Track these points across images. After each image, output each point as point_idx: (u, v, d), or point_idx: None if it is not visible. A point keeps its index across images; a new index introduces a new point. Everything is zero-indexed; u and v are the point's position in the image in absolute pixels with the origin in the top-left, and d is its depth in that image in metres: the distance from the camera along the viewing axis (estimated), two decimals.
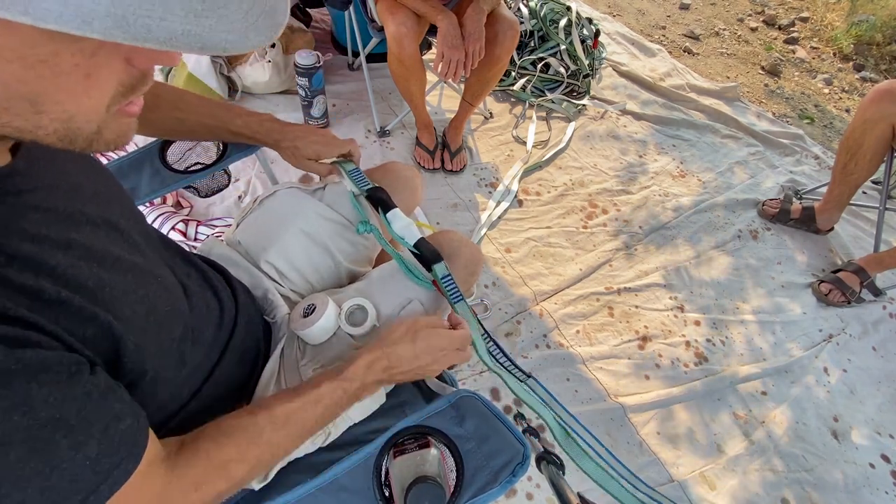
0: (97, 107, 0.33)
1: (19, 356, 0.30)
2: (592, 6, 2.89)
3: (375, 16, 1.59)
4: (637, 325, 1.55)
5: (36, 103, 0.30)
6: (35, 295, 0.34)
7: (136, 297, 0.44)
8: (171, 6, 0.26)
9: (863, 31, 2.97)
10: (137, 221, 0.54)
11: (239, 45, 0.29)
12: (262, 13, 0.30)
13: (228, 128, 0.83)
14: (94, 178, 0.49)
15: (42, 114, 0.31)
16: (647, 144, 2.14)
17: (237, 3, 0.28)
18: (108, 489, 0.37)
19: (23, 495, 0.31)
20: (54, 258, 0.37)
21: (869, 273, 1.67)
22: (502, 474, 0.61)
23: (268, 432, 0.53)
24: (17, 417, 0.30)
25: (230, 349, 0.64)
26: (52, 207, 0.40)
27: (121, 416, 0.38)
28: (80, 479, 0.35)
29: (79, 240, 0.40)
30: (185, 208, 1.55)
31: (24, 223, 0.36)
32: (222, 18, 0.28)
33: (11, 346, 0.31)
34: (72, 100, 0.32)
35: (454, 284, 0.76)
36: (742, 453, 1.33)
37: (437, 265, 0.76)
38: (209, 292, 0.64)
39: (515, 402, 1.31)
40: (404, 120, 1.95)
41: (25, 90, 0.30)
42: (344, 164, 0.89)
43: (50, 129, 0.32)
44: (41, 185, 0.40)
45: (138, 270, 0.46)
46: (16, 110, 0.30)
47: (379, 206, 0.84)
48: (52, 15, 0.24)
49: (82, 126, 0.33)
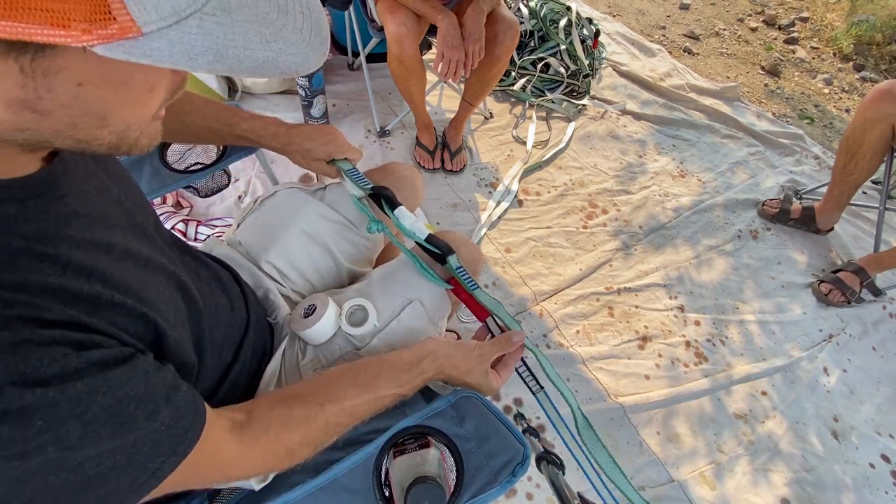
0: (149, 115, 0.36)
1: (86, 357, 0.34)
2: (592, 6, 2.89)
3: (375, 16, 1.59)
4: (637, 325, 1.55)
5: (104, 118, 0.33)
6: (91, 300, 0.37)
7: (167, 296, 0.46)
8: (248, 35, 0.30)
9: (863, 31, 2.97)
10: (155, 221, 0.55)
11: (304, 65, 0.33)
12: (312, 29, 0.33)
13: (233, 132, 0.83)
14: (115, 179, 0.50)
15: (104, 128, 0.34)
16: (647, 144, 2.14)
17: (292, 23, 0.32)
18: (183, 450, 0.41)
19: (113, 461, 0.35)
20: (100, 262, 0.39)
21: (869, 273, 1.67)
22: (502, 474, 0.61)
23: (333, 423, 0.56)
24: (100, 399, 0.34)
25: (244, 348, 0.65)
26: (89, 212, 0.42)
27: (176, 385, 0.42)
28: (161, 443, 0.39)
29: (117, 242, 0.42)
30: (185, 208, 1.55)
31: (69, 230, 0.39)
32: (286, 41, 0.32)
33: (78, 350, 0.34)
34: (133, 112, 0.35)
35: (468, 275, 0.76)
36: (742, 453, 1.34)
37: (450, 257, 0.76)
38: (219, 290, 0.64)
39: (515, 402, 1.31)
40: (404, 120, 1.95)
41: (101, 108, 0.33)
42: (342, 165, 0.88)
43: (106, 141, 0.35)
44: (75, 190, 0.42)
45: (164, 270, 0.48)
46: (83, 125, 0.33)
47: (384, 204, 0.83)
48: (166, 56, 0.28)
49: (132, 134, 0.36)
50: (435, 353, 0.63)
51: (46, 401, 0.31)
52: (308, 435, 0.54)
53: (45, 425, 0.31)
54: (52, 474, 0.32)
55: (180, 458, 0.41)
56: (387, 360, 0.62)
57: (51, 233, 0.37)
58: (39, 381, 0.31)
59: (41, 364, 0.32)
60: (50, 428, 0.31)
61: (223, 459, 0.48)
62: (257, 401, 0.56)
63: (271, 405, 0.54)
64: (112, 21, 0.26)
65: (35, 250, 0.36)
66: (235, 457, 0.48)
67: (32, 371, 0.31)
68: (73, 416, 0.33)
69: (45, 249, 0.36)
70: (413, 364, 0.62)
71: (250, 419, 0.51)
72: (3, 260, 0.34)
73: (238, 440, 0.49)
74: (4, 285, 0.33)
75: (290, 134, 0.84)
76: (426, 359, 0.62)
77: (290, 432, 0.53)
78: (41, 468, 0.32)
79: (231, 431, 0.49)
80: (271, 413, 0.53)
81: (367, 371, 0.60)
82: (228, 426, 0.49)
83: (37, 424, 0.31)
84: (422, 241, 0.79)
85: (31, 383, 0.31)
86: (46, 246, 0.36)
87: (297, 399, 0.56)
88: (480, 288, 0.75)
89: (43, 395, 0.31)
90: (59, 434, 0.32)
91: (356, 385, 0.58)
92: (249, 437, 0.50)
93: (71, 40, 0.26)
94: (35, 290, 0.34)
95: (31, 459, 0.31)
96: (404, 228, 0.80)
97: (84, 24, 0.25)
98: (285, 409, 0.54)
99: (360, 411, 0.58)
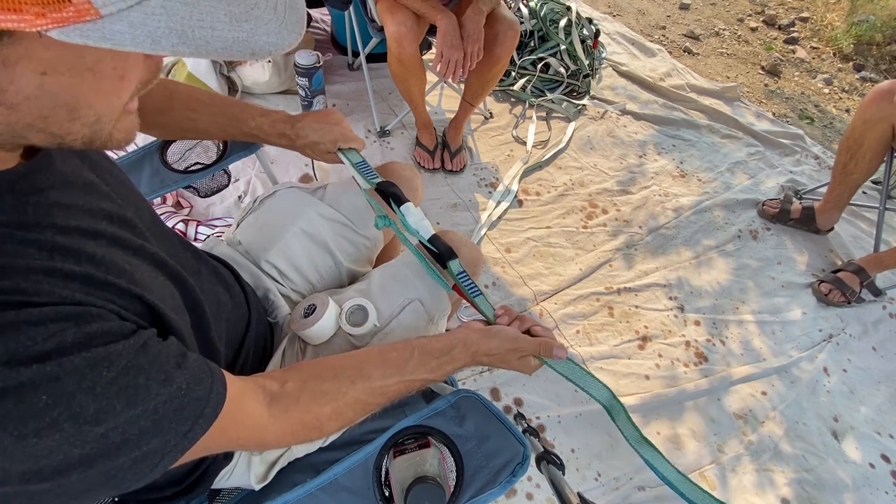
0: (119, 106, 0.35)
1: (87, 330, 0.34)
2: (592, 6, 2.89)
3: (375, 16, 1.59)
4: (637, 326, 1.55)
5: (74, 110, 0.33)
6: (85, 279, 0.37)
7: (159, 283, 0.46)
8: (216, 14, 0.28)
9: (863, 31, 2.97)
10: (151, 217, 0.55)
11: (279, 45, 0.31)
12: (287, 7, 0.32)
13: (241, 129, 0.81)
14: (104, 176, 0.50)
15: (76, 120, 0.33)
16: (647, 145, 2.14)
17: (265, 1, 0.31)
18: (211, 412, 0.41)
19: (138, 428, 0.36)
20: (88, 246, 0.39)
21: (869, 273, 1.67)
22: (502, 474, 0.61)
23: (362, 401, 0.56)
24: (105, 372, 0.34)
25: (245, 346, 0.65)
26: (74, 203, 0.41)
27: (184, 353, 0.42)
28: (185, 407, 0.39)
29: (104, 230, 0.42)
30: (185, 208, 1.55)
31: (52, 219, 0.38)
32: (258, 20, 0.30)
33: (78, 324, 0.34)
34: (103, 102, 0.34)
35: (470, 280, 0.75)
36: (742, 453, 1.34)
37: (451, 262, 0.75)
38: (220, 287, 0.64)
39: (515, 402, 1.31)
40: (404, 120, 1.95)
41: (69, 98, 0.32)
42: (350, 157, 0.86)
43: (79, 135, 0.34)
44: (58, 183, 0.41)
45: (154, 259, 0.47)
46: (54, 118, 0.32)
47: (391, 199, 0.80)
48: (127, 39, 0.27)
49: (105, 127, 0.35)
50: (466, 342, 0.62)
51: (45, 375, 0.31)
52: (338, 409, 0.55)
53: (50, 400, 0.31)
54: (76, 447, 0.32)
55: (210, 420, 0.41)
56: (418, 345, 0.62)
57: (31, 222, 0.37)
58: (34, 357, 0.31)
59: (34, 342, 0.31)
60: (58, 403, 0.32)
61: (255, 426, 0.48)
62: (290, 371, 0.57)
63: (304, 378, 0.55)
64: (67, 3, 0.25)
65: (16, 237, 0.35)
66: (266, 424, 0.49)
67: (25, 349, 0.31)
68: (80, 390, 0.33)
69: (27, 235, 0.36)
70: (444, 352, 0.61)
71: (282, 389, 0.52)
72: None
73: (269, 408, 0.50)
74: None
75: (295, 129, 0.82)
76: (457, 347, 0.62)
77: (321, 406, 0.53)
78: (62, 443, 0.32)
79: (262, 399, 0.50)
80: (303, 385, 0.54)
81: (398, 353, 0.60)
82: (260, 394, 0.50)
83: (42, 399, 0.31)
84: (424, 240, 0.77)
85: (25, 360, 0.31)
86: (27, 232, 0.36)
87: (330, 372, 0.56)
88: (483, 295, 0.73)
89: (40, 370, 0.31)
90: (72, 409, 0.32)
91: (385, 366, 0.58)
92: (280, 407, 0.51)
93: (24, 24, 0.25)
94: (22, 273, 0.34)
95: (48, 436, 0.31)
96: (408, 225, 0.77)
97: (37, 7, 0.24)
98: (317, 382, 0.55)
99: (390, 392, 0.58)
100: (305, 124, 0.82)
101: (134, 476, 0.37)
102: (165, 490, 0.59)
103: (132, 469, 0.36)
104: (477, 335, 0.63)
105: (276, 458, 0.68)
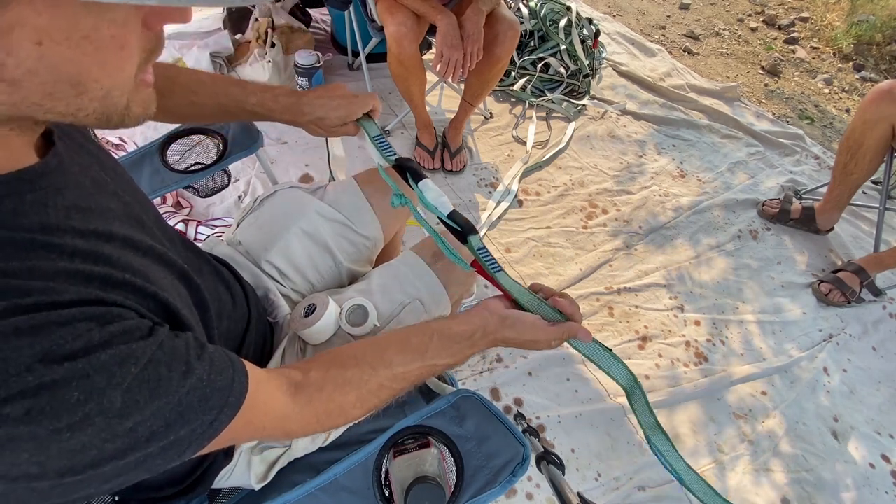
0: (128, 78, 0.35)
1: (111, 329, 0.35)
2: (592, 6, 2.89)
3: (375, 16, 1.59)
4: (637, 325, 1.55)
5: (78, 84, 0.32)
6: (104, 280, 0.38)
7: (169, 282, 0.46)
8: None
9: (863, 31, 2.97)
10: (155, 215, 0.55)
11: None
12: None
13: (244, 107, 0.79)
14: (110, 173, 0.50)
15: (83, 95, 0.33)
16: (647, 144, 2.14)
17: None
18: (235, 401, 0.42)
19: (164, 420, 0.37)
20: (104, 249, 0.40)
21: (869, 273, 1.67)
22: (502, 474, 0.61)
23: (386, 387, 0.57)
24: (131, 368, 0.35)
25: (246, 344, 0.65)
26: (88, 205, 0.42)
27: (202, 345, 0.42)
28: (209, 397, 0.40)
29: (116, 232, 0.43)
30: (185, 208, 1.55)
31: (71, 221, 0.39)
32: None
33: (101, 323, 0.35)
34: (108, 75, 0.34)
35: (491, 255, 0.72)
36: (742, 453, 1.34)
37: (472, 237, 0.71)
38: (221, 286, 0.64)
39: (515, 402, 1.31)
40: (404, 120, 1.95)
41: (71, 71, 0.31)
42: (368, 128, 0.83)
43: (90, 110, 0.34)
44: (72, 183, 0.42)
45: (164, 259, 0.48)
46: (60, 94, 0.32)
47: (409, 175, 0.77)
48: None
49: (117, 101, 0.35)
50: (485, 329, 0.61)
51: (77, 372, 0.32)
52: (361, 396, 0.55)
53: (82, 396, 0.32)
54: (108, 441, 0.34)
55: (234, 409, 0.42)
56: (437, 328, 0.61)
57: (53, 225, 0.38)
58: (66, 355, 0.32)
59: (65, 341, 0.33)
60: (90, 398, 0.33)
61: (279, 416, 0.49)
62: (313, 361, 0.57)
63: (327, 366, 0.55)
64: None
65: (40, 241, 0.36)
66: (290, 414, 0.50)
67: (58, 348, 0.32)
68: (109, 385, 0.34)
69: (50, 240, 0.37)
70: (464, 336, 0.61)
71: (306, 379, 0.53)
72: (11, 253, 0.34)
73: (292, 398, 0.50)
74: (18, 274, 0.33)
75: (300, 104, 0.79)
76: (477, 332, 0.61)
77: (344, 394, 0.54)
78: (95, 437, 0.33)
79: (286, 389, 0.50)
80: (326, 374, 0.54)
81: (418, 338, 0.60)
82: (284, 384, 0.51)
83: (74, 395, 0.32)
84: (444, 216, 0.73)
85: (58, 359, 0.32)
86: (50, 237, 0.37)
87: (352, 360, 0.57)
88: (503, 270, 0.70)
89: (72, 367, 0.32)
90: (103, 404, 0.33)
91: (406, 352, 0.58)
92: (304, 396, 0.51)
93: None
94: (48, 275, 0.35)
95: (81, 431, 0.32)
96: (427, 202, 0.74)
97: None
98: (340, 370, 0.55)
99: (412, 376, 0.59)
100: (310, 99, 0.79)
101: (164, 461, 0.39)
102: (165, 490, 0.59)
103: (161, 455, 0.38)
104: (495, 322, 0.62)
105: (277, 457, 0.68)
